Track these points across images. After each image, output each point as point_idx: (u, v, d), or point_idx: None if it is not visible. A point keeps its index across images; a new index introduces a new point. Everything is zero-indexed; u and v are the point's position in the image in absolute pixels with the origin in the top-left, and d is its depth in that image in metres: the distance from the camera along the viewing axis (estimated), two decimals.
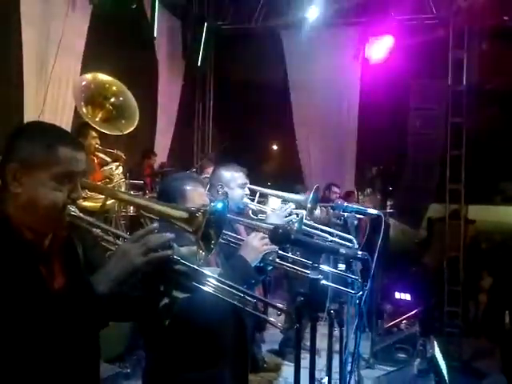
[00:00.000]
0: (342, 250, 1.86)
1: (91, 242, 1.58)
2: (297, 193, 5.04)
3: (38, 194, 1.31)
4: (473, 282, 6.79)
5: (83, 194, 1.49)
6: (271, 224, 2.42)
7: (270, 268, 2.29)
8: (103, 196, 4.04)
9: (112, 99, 4.89)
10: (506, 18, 7.28)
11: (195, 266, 1.37)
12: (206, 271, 1.46)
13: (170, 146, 7.86)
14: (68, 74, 5.60)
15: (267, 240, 2.05)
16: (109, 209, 4.83)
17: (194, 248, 1.45)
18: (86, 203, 3.40)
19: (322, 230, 3.24)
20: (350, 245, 3.28)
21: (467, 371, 4.43)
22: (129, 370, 3.90)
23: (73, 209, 1.37)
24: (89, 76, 4.82)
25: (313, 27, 7.82)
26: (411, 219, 7.72)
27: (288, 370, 4.36)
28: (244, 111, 8.66)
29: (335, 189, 6.35)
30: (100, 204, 3.40)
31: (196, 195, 2.01)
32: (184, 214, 1.43)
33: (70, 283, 1.39)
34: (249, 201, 2.87)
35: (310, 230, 3.10)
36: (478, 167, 7.87)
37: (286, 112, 8.39)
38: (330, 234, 3.34)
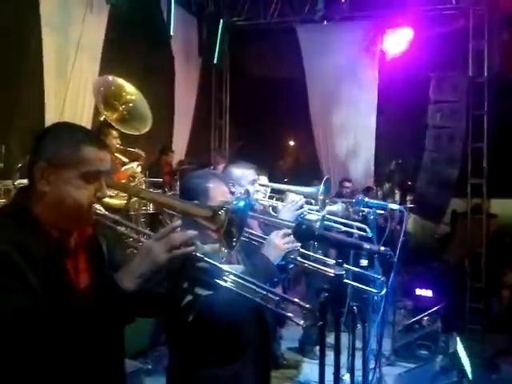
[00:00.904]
0: (366, 246, 1.86)
1: (114, 239, 1.61)
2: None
3: (66, 192, 1.35)
4: (495, 278, 6.67)
5: (108, 193, 1.51)
6: (284, 220, 2.42)
7: (291, 266, 2.28)
8: (126, 194, 4.10)
9: (126, 104, 4.94)
10: None
11: (218, 264, 1.38)
12: (229, 269, 1.46)
13: (188, 144, 7.90)
14: (87, 75, 5.69)
15: (289, 238, 2.05)
16: (129, 207, 4.89)
17: (217, 246, 1.45)
18: (111, 201, 3.44)
19: (337, 222, 3.20)
20: (365, 234, 3.24)
21: (490, 368, 4.35)
22: (150, 366, 3.94)
23: (98, 207, 1.41)
24: (111, 78, 4.87)
25: (329, 21, 7.75)
26: (432, 214, 7.61)
27: (308, 366, 4.35)
28: (260, 107, 8.64)
29: (346, 183, 6.36)
30: (124, 202, 3.44)
31: (218, 193, 2.02)
32: (207, 212, 1.44)
33: (97, 279, 1.41)
34: (260, 196, 2.86)
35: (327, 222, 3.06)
36: (500, 160, 7.71)
37: (303, 107, 8.35)
38: (347, 225, 3.29)
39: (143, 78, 5.64)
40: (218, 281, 1.40)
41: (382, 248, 2.48)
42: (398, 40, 7.72)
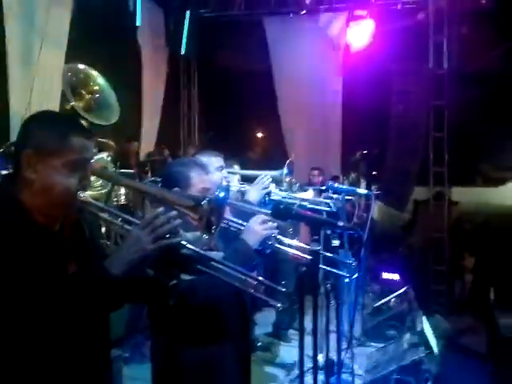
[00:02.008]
0: (340, 223, 1.95)
1: (96, 226, 1.64)
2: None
3: (52, 180, 1.37)
4: (457, 262, 6.98)
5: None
6: (260, 210, 2.50)
7: (268, 251, 2.36)
8: (101, 185, 4.05)
9: (92, 94, 4.87)
10: (483, 0, 7.42)
11: (200, 251, 1.44)
12: (210, 255, 1.53)
13: (157, 135, 7.85)
14: (53, 64, 5.56)
15: (267, 224, 2.12)
16: (98, 198, 4.85)
17: (198, 234, 1.51)
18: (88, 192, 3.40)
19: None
20: (329, 208, 3.37)
21: (453, 348, 4.57)
22: (127, 355, 3.95)
23: (83, 194, 1.43)
24: (81, 66, 4.79)
25: (295, 14, 7.84)
26: (396, 202, 7.86)
27: (282, 349, 4.47)
28: (229, 98, 8.67)
29: (314, 172, 6.54)
30: (97, 193, 3.41)
31: (199, 181, 2.12)
32: (190, 202, 1.50)
33: (82, 265, 1.44)
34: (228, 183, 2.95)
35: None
36: (460, 149, 8.02)
37: (271, 98, 8.43)
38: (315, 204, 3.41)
39: (110, 68, 5.54)
40: (199, 266, 1.46)
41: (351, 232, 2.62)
42: (360, 32, 7.88)
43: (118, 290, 1.31)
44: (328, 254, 2.53)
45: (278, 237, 2.25)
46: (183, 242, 1.38)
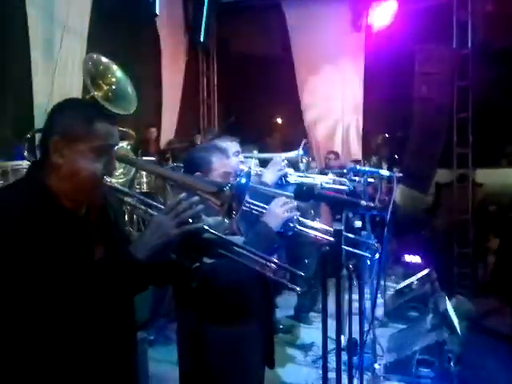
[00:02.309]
0: (363, 202, 1.95)
1: (120, 211, 1.71)
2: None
3: (79, 165, 1.41)
4: (481, 245, 6.87)
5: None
6: (279, 192, 2.51)
7: (290, 233, 2.37)
8: (123, 173, 4.12)
9: (110, 85, 4.91)
10: None
11: (221, 235, 1.48)
12: (232, 239, 1.56)
13: (177, 122, 7.91)
14: (74, 55, 5.65)
15: (288, 206, 2.13)
16: (121, 185, 4.92)
17: (220, 218, 1.53)
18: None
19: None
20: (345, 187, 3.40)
21: (477, 329, 4.53)
22: (152, 337, 4.04)
23: (108, 179, 1.48)
24: (102, 58, 4.85)
25: None
26: (419, 185, 7.76)
27: (303, 331, 4.52)
28: (249, 84, 8.65)
29: (330, 155, 6.48)
30: (122, 179, 3.48)
31: (221, 165, 2.14)
32: (213, 188, 1.52)
33: (109, 249, 1.49)
34: (244, 167, 2.97)
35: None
36: (484, 130, 7.84)
37: (291, 83, 8.38)
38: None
39: (129, 57, 5.62)
40: (221, 251, 1.50)
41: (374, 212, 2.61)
42: (383, 13, 7.74)
43: (143, 274, 1.35)
44: (350, 235, 2.55)
45: (300, 219, 2.27)
46: (205, 227, 1.43)
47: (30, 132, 3.70)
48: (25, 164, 3.83)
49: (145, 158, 5.65)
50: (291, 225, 2.18)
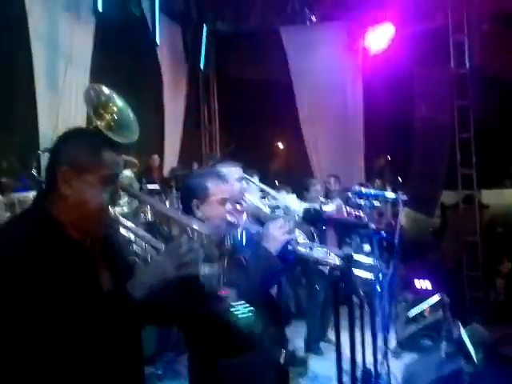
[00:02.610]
0: (372, 225, 1.90)
1: (121, 242, 1.66)
2: (307, 186, 5.05)
3: (87, 195, 1.39)
4: (490, 267, 6.74)
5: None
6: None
7: (291, 257, 2.29)
8: (128, 202, 4.08)
9: (111, 114, 4.93)
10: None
11: (213, 289, 1.48)
12: (223, 293, 1.55)
13: (180, 149, 7.92)
14: (77, 85, 5.70)
15: (285, 228, 2.06)
16: (126, 215, 4.87)
17: (216, 268, 1.49)
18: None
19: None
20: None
21: (494, 357, 4.40)
22: (160, 372, 3.93)
23: (112, 211, 1.47)
24: (103, 88, 4.87)
25: (312, 21, 7.83)
26: (424, 207, 7.70)
27: (314, 362, 4.40)
28: (249, 110, 8.70)
29: (329, 179, 6.36)
30: (126, 209, 3.42)
31: (217, 191, 2.08)
32: (214, 238, 1.50)
33: (114, 279, 1.46)
34: (251, 197, 2.92)
35: None
36: (487, 151, 7.82)
37: (291, 108, 8.41)
38: None
39: (132, 87, 5.67)
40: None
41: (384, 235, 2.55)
42: (379, 37, 7.83)
43: (139, 312, 1.34)
44: (361, 259, 2.48)
45: (300, 241, 2.19)
46: (201, 273, 1.42)
47: (34, 157, 3.70)
48: (31, 195, 3.86)
49: (149, 185, 5.62)
50: (290, 247, 2.10)
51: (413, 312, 4.80)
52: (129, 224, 1.59)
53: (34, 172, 3.58)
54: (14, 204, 3.87)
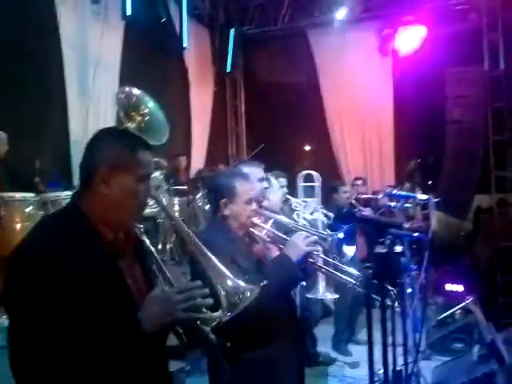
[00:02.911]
0: (406, 225, 1.86)
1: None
2: (335, 188, 4.99)
3: (124, 195, 1.41)
4: None
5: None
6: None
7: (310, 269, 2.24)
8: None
9: (143, 116, 4.97)
10: None
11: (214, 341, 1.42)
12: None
13: (207, 151, 7.97)
14: (107, 90, 5.83)
15: (310, 240, 2.08)
16: (154, 215, 4.91)
17: (220, 317, 1.44)
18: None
19: None
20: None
21: None
22: (188, 368, 3.92)
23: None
24: (133, 90, 4.93)
25: (340, 23, 7.78)
26: (457, 210, 7.49)
27: (342, 363, 4.32)
28: (276, 112, 8.67)
29: (357, 181, 6.31)
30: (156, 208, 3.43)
31: (243, 192, 2.15)
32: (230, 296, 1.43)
33: (146, 278, 1.49)
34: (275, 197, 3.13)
35: None
36: None
37: (319, 110, 8.35)
38: None
39: (159, 91, 5.72)
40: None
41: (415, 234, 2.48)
42: (410, 38, 7.70)
43: (148, 342, 1.32)
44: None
45: (323, 257, 2.16)
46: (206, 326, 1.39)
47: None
48: (63, 195, 3.97)
49: (177, 187, 5.67)
50: (311, 260, 2.11)
51: (444, 314, 4.66)
52: (151, 248, 1.58)
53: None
54: (46, 203, 3.96)
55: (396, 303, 2.35)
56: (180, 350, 1.51)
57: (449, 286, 5.64)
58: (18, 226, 3.77)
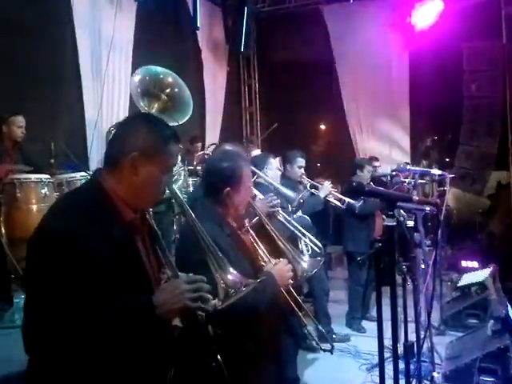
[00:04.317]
0: (415, 197, 1.87)
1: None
2: (358, 165, 4.94)
3: (149, 183, 1.46)
4: None
5: None
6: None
7: None
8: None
9: (167, 90, 4.89)
10: None
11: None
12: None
13: (220, 132, 7.97)
14: (120, 71, 5.86)
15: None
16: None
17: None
18: None
19: None
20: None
21: None
22: None
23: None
24: (140, 70, 4.89)
25: None
26: (473, 187, 7.43)
27: (357, 339, 4.38)
28: (290, 91, 8.59)
29: (375, 163, 6.11)
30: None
31: (247, 180, 2.07)
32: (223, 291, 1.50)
33: (157, 255, 1.53)
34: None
35: None
36: None
37: (333, 88, 8.27)
38: None
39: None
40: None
41: (428, 208, 2.49)
42: (427, 12, 7.52)
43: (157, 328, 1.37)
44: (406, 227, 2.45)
45: None
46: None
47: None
48: (78, 176, 4.01)
49: (190, 167, 5.70)
50: None
51: (463, 282, 4.67)
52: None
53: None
54: (61, 184, 4.00)
55: (408, 278, 2.36)
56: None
57: (464, 263, 5.63)
58: (34, 207, 3.81)
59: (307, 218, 3.63)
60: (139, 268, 1.42)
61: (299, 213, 3.55)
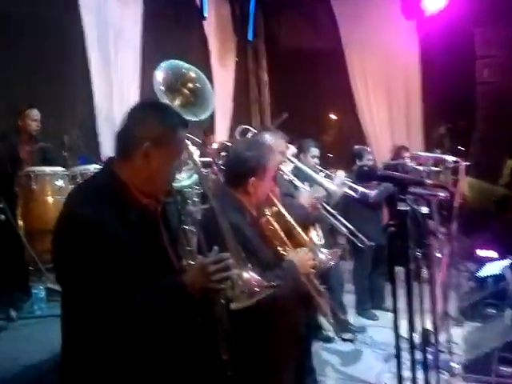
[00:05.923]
0: (428, 181, 1.80)
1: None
2: (357, 154, 4.87)
3: (163, 169, 1.50)
4: None
5: None
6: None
7: None
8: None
9: (190, 85, 4.86)
10: None
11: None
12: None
13: (230, 122, 7.91)
14: (129, 61, 5.83)
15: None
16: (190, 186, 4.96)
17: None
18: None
19: None
20: None
21: None
22: None
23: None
24: (164, 65, 4.87)
25: None
26: (488, 175, 7.31)
27: (372, 330, 4.31)
28: (299, 80, 8.50)
29: (406, 153, 5.91)
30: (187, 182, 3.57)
31: (272, 169, 2.13)
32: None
33: (171, 240, 1.56)
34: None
35: None
36: None
37: (343, 76, 8.15)
38: None
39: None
40: None
41: (441, 194, 2.41)
42: None
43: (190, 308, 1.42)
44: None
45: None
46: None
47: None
48: (92, 168, 4.04)
49: (202, 158, 5.67)
50: None
51: (483, 273, 4.59)
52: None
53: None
54: (76, 176, 4.05)
55: (422, 266, 2.29)
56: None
57: (480, 252, 5.54)
58: (50, 199, 3.89)
59: None
60: (162, 250, 1.48)
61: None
